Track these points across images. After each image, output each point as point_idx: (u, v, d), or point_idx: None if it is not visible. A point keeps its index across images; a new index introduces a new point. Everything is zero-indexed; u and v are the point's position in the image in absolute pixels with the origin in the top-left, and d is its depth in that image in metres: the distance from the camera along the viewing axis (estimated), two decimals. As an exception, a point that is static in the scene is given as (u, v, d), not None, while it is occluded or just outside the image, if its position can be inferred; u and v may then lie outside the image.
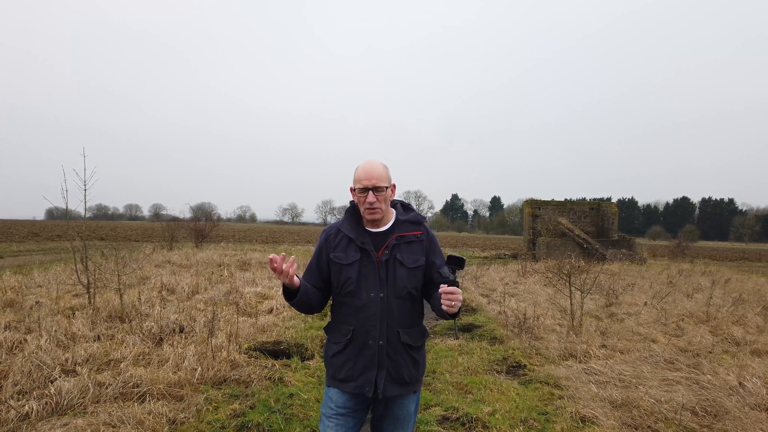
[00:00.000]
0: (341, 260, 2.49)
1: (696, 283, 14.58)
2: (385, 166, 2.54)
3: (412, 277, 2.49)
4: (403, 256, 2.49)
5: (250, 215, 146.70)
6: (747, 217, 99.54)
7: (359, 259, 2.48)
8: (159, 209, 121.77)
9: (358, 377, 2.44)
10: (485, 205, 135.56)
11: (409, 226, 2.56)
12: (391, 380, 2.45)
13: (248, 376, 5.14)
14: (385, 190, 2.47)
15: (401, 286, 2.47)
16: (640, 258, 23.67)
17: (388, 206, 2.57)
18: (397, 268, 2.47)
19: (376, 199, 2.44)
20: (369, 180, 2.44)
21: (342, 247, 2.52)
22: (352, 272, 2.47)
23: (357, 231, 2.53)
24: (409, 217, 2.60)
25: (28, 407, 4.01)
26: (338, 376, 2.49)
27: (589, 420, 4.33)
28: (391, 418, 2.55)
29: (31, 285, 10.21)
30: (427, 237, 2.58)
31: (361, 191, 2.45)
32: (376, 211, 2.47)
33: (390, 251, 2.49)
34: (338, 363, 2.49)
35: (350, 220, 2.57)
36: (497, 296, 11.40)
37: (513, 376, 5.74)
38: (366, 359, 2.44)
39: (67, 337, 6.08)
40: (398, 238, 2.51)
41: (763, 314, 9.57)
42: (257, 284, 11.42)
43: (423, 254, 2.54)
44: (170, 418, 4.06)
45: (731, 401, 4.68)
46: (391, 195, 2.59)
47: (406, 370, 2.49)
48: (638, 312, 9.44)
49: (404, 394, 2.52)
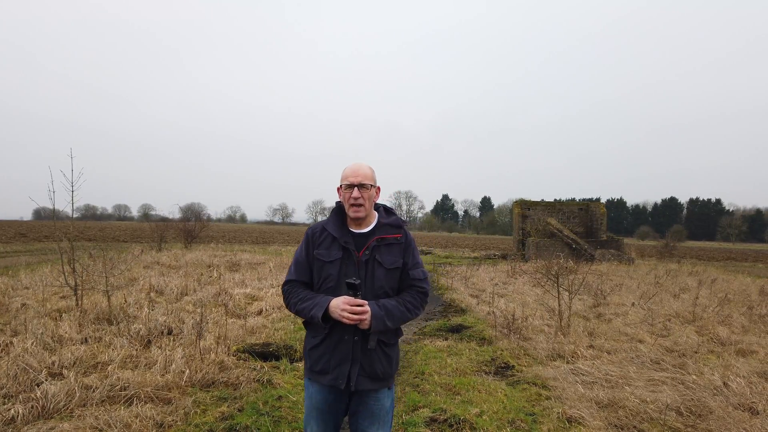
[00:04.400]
0: (323, 257, 2.63)
1: (683, 283, 14.75)
2: (372, 168, 2.71)
3: (389, 278, 2.64)
4: (382, 257, 2.64)
5: (240, 215, 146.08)
6: (734, 218, 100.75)
7: (341, 257, 2.61)
8: (148, 209, 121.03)
9: (333, 370, 2.57)
10: (476, 206, 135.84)
11: (390, 229, 2.70)
12: (365, 374, 2.58)
13: (237, 378, 5.13)
14: (370, 188, 2.63)
15: (378, 286, 2.61)
16: (629, 258, 23.86)
17: (372, 207, 2.71)
18: (375, 268, 2.61)
19: (361, 195, 2.59)
20: (356, 177, 2.61)
21: (325, 245, 2.66)
22: (333, 269, 2.61)
23: (341, 231, 2.67)
24: (391, 220, 2.74)
25: (13, 411, 3.97)
26: (315, 368, 2.63)
27: (575, 420, 4.38)
28: (367, 413, 2.65)
29: (18, 287, 10.12)
30: (406, 240, 2.73)
31: (348, 187, 2.62)
32: (360, 209, 2.61)
33: (370, 252, 2.63)
34: (315, 356, 2.63)
35: (335, 220, 2.71)
36: (486, 297, 11.44)
37: (501, 377, 5.77)
38: (341, 353, 2.57)
39: (54, 340, 6.03)
40: (379, 240, 2.66)
41: (748, 314, 9.70)
42: (247, 285, 11.39)
43: (401, 256, 2.68)
44: (157, 422, 4.05)
45: (715, 401, 4.75)
46: (376, 197, 2.72)
47: (379, 365, 2.61)
48: (626, 312, 9.53)
49: (377, 389, 2.64)
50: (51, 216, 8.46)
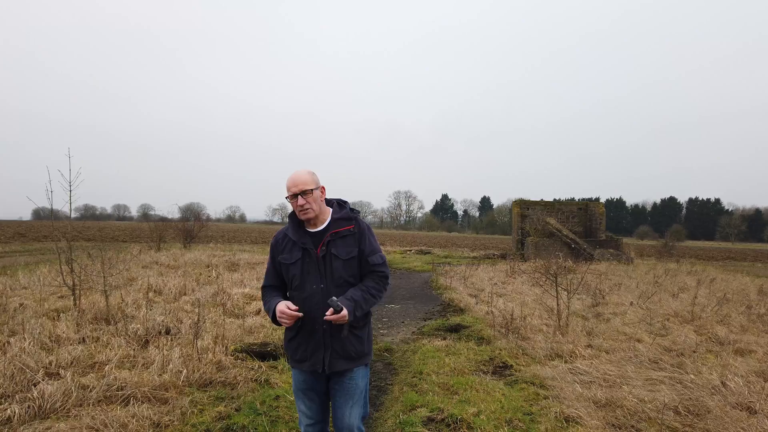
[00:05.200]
0: (287, 260, 2.92)
1: (682, 282, 14.74)
2: (311, 172, 2.93)
3: (347, 267, 2.89)
4: (337, 250, 2.88)
5: (240, 215, 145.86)
6: (733, 217, 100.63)
7: (301, 257, 2.89)
8: (147, 209, 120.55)
9: (311, 357, 2.87)
10: (475, 206, 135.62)
11: (342, 222, 2.94)
12: (338, 357, 2.86)
13: (234, 378, 5.12)
14: (312, 192, 2.84)
15: (338, 276, 2.86)
16: (627, 258, 23.85)
17: (321, 205, 2.92)
18: (333, 261, 2.86)
19: (306, 201, 2.83)
20: (296, 186, 2.84)
21: (288, 249, 2.94)
22: (296, 269, 2.89)
23: (299, 233, 2.92)
24: (342, 214, 2.97)
25: (10, 411, 3.97)
26: (295, 357, 2.94)
27: (573, 420, 4.37)
28: (342, 390, 2.94)
29: (16, 287, 10.11)
30: (359, 229, 2.96)
31: (292, 197, 2.85)
32: (308, 211, 2.85)
33: (326, 247, 2.87)
34: (293, 347, 2.93)
35: (293, 225, 2.97)
36: (485, 296, 11.42)
37: (499, 376, 5.76)
38: (315, 342, 2.86)
39: (52, 340, 6.02)
40: (333, 235, 2.89)
41: (746, 314, 9.70)
42: (245, 285, 11.38)
43: (356, 246, 2.92)
44: (154, 421, 4.04)
45: (713, 400, 4.74)
46: (322, 196, 2.96)
47: (351, 347, 2.88)
48: (624, 312, 9.52)
49: (353, 368, 2.92)
50: (50, 216, 8.44)
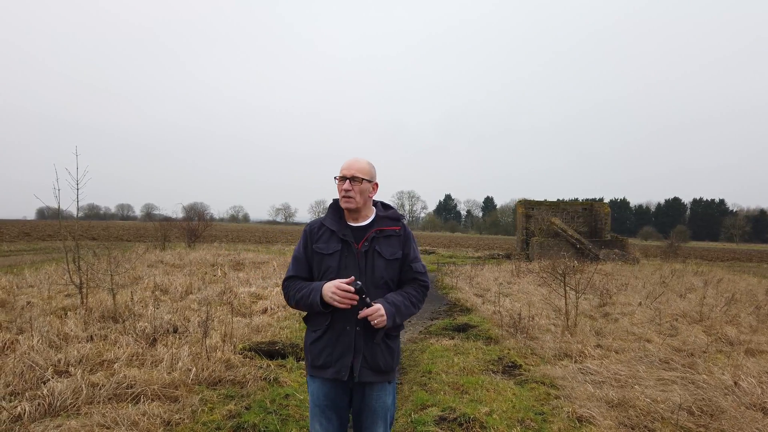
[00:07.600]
0: (323, 250, 2.66)
1: (688, 283, 14.67)
2: (371, 164, 2.75)
3: (389, 268, 2.67)
4: (382, 248, 2.67)
5: (243, 215, 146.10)
6: (737, 218, 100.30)
7: (340, 249, 2.64)
8: (151, 209, 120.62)
9: (336, 362, 2.56)
10: (478, 206, 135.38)
11: (389, 222, 2.75)
12: (367, 366, 2.58)
13: (243, 376, 5.10)
14: (363, 182, 2.65)
15: (379, 276, 2.64)
16: (633, 258, 23.78)
17: (365, 200, 2.71)
18: (375, 259, 2.65)
19: (351, 188, 2.63)
20: (349, 170, 2.66)
21: (324, 239, 2.69)
22: (333, 262, 2.63)
23: (339, 224, 2.70)
24: (389, 213, 2.80)
25: (20, 408, 3.96)
26: (316, 363, 2.61)
27: (586, 420, 4.33)
28: (369, 411, 2.65)
29: (23, 285, 10.12)
30: (405, 233, 2.76)
31: (341, 179, 2.67)
32: (350, 200, 2.64)
33: (370, 243, 2.66)
34: (316, 350, 2.61)
35: (333, 215, 2.75)
36: (491, 296, 11.40)
37: (509, 376, 5.73)
38: (343, 345, 2.56)
39: (60, 338, 6.01)
40: (378, 232, 2.70)
41: (755, 314, 9.63)
42: (251, 284, 11.37)
43: (400, 248, 2.71)
44: (165, 419, 4.02)
45: (727, 401, 4.69)
46: (372, 192, 2.75)
47: (382, 357, 2.61)
48: (632, 312, 9.47)
49: (379, 382, 2.63)
50: (55, 215, 8.47)
